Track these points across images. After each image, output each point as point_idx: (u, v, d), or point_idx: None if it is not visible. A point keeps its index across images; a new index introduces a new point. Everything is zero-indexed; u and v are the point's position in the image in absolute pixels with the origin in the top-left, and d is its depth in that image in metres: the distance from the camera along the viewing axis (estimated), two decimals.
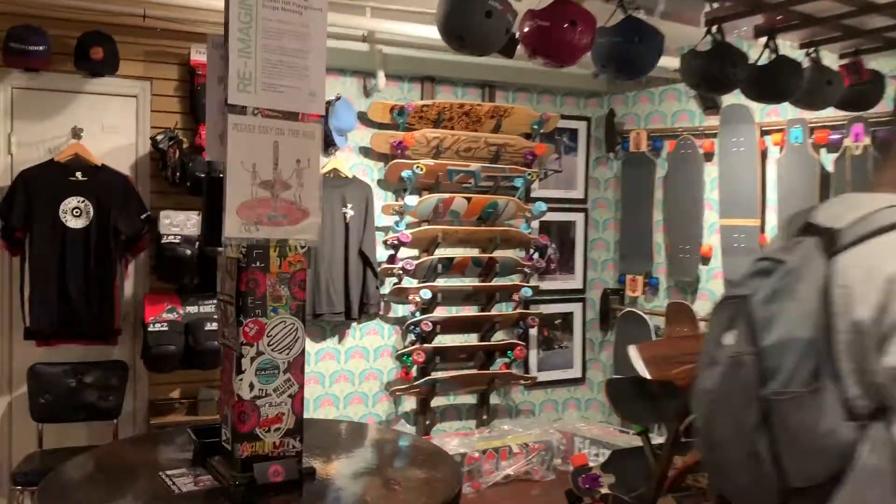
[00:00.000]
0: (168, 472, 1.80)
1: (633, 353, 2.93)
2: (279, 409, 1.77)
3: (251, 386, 1.74)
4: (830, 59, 3.59)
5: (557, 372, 5.30)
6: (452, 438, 4.66)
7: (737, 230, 4.51)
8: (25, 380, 3.57)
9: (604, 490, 3.20)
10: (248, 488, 1.69)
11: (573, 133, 5.30)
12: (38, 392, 3.57)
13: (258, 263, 1.73)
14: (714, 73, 3.14)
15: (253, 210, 1.69)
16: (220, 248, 1.76)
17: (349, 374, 4.59)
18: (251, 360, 1.74)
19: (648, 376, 2.92)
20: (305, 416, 4.36)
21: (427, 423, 4.75)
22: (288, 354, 1.78)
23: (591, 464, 3.32)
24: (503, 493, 4.56)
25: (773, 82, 3.24)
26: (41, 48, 3.46)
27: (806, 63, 3.40)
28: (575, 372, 5.38)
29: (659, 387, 3.03)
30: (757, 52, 3.29)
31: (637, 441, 4.48)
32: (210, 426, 1.91)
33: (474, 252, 4.85)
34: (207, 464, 1.83)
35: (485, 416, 4.96)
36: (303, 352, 1.79)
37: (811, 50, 3.49)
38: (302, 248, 1.79)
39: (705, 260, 4.73)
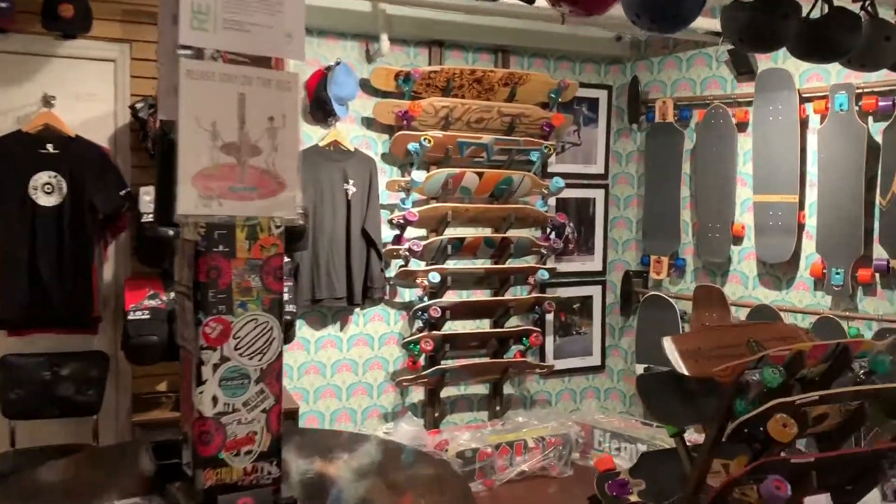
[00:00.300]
0: (118, 503, 1.47)
1: (667, 345, 2.57)
2: (250, 428, 1.43)
3: (214, 400, 1.41)
4: (885, 15, 3.19)
5: (575, 360, 4.96)
6: (463, 432, 4.34)
7: (773, 207, 4.13)
8: None
9: (633, 498, 2.87)
10: None
11: (593, 103, 4.91)
12: (9, 386, 3.26)
13: (221, 247, 1.38)
14: (760, 26, 2.75)
15: (213, 180, 1.34)
16: (172, 230, 1.43)
17: (352, 364, 4.27)
18: (214, 367, 1.40)
19: (686, 371, 2.57)
20: (304, 408, 4.08)
21: (436, 415, 4.43)
22: (261, 360, 1.44)
23: (618, 466, 2.98)
24: (518, 490, 4.25)
25: (829, 37, 2.84)
26: (4, 5, 3.11)
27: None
28: (594, 359, 5.04)
29: (697, 383, 2.68)
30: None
31: (668, 441, 4.15)
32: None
33: (486, 232, 4.49)
34: (167, 492, 1.50)
35: (498, 408, 4.63)
36: (280, 357, 1.45)
37: (866, 2, 3.09)
38: (277, 227, 1.44)
39: (737, 240, 4.36)
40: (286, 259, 3.54)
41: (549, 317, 4.75)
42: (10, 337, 3.31)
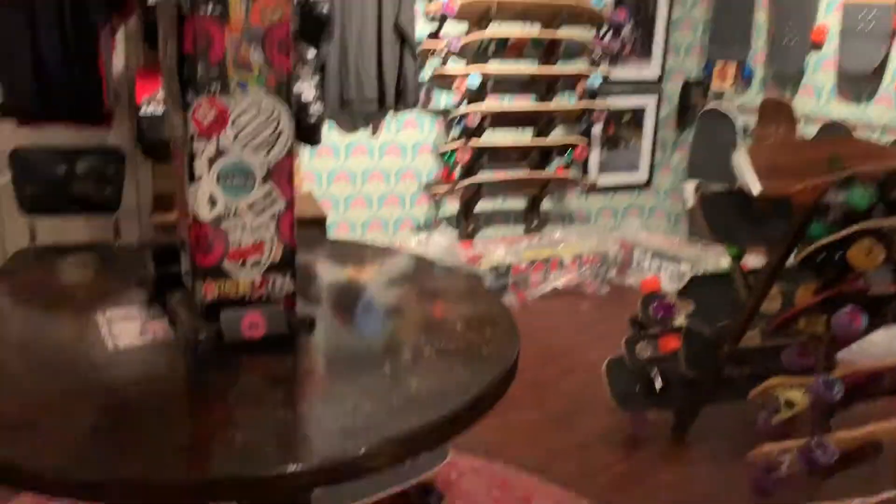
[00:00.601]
0: (110, 313, 1.30)
1: (741, 159, 2.26)
2: (257, 236, 1.21)
3: (212, 201, 1.17)
4: None
5: (621, 175, 4.66)
6: (498, 246, 4.17)
7: (865, 8, 3.60)
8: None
9: (679, 321, 2.70)
10: (213, 346, 1.17)
11: None
12: (24, 180, 3.10)
13: (211, 9, 1.08)
14: None
15: None
16: None
17: (384, 173, 4.02)
18: (209, 162, 1.15)
19: (758, 189, 2.28)
20: (335, 216, 3.90)
21: (470, 228, 4.24)
22: (267, 155, 1.18)
23: (665, 290, 2.80)
24: (550, 306, 4.14)
25: None
26: None
27: None
28: (640, 176, 4.73)
29: (767, 203, 2.41)
30: None
31: (713, 263, 3.94)
32: None
33: (535, 29, 4.03)
34: (168, 302, 1.32)
35: (535, 223, 4.43)
36: (290, 152, 1.19)
37: None
38: None
39: (816, 46, 3.87)
40: (311, 53, 3.19)
41: (597, 129, 4.40)
42: (20, 127, 3.10)
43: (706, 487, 2.53)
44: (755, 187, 2.20)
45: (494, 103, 4.04)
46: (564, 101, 4.21)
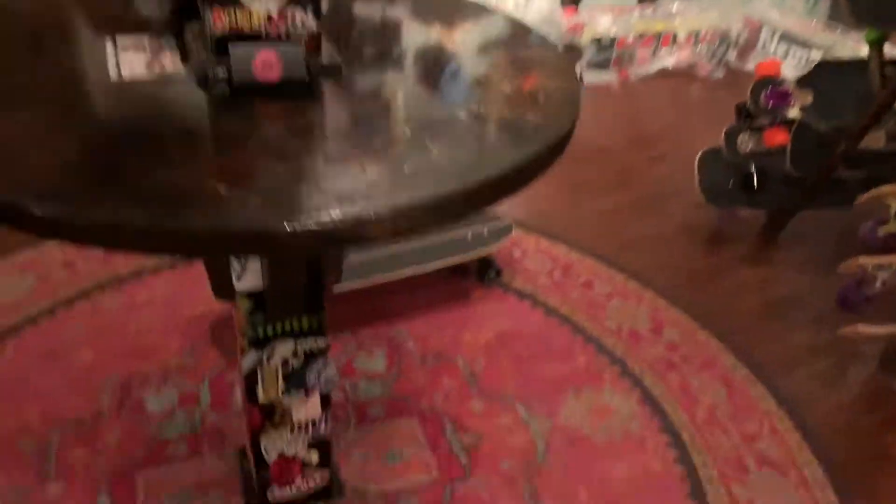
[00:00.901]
0: (121, 39, 1.17)
1: None
2: None
3: None
4: None
5: None
6: (604, 15, 3.75)
7: None
8: None
9: (792, 112, 2.38)
10: (224, 86, 1.04)
11: None
12: None
13: None
14: None
15: None
16: None
17: None
18: None
19: None
20: None
21: None
22: None
23: (784, 76, 2.44)
24: (654, 87, 3.79)
25: None
26: None
27: None
28: None
29: None
30: None
31: (850, 52, 3.42)
32: None
33: None
34: (184, 34, 1.17)
35: None
36: None
37: None
38: None
39: None
40: None
41: None
42: None
43: (788, 292, 2.37)
44: None
45: None
46: None
